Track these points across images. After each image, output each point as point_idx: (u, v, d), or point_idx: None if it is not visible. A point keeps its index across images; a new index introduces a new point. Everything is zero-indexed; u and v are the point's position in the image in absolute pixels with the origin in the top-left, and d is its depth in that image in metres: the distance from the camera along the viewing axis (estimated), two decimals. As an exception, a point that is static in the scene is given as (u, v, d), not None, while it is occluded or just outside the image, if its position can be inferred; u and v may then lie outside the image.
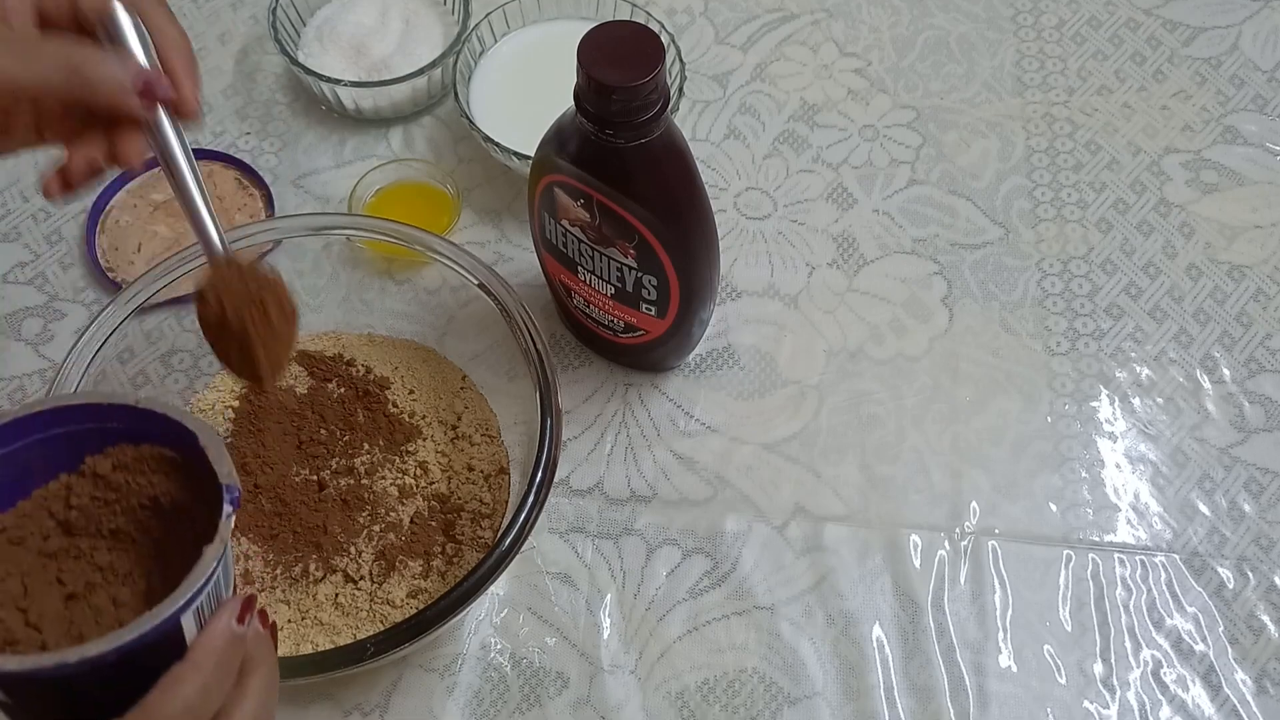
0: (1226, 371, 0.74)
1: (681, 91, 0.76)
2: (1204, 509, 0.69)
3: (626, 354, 0.72)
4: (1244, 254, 0.78)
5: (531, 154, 0.63)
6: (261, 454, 0.65)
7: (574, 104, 0.57)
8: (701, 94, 0.84)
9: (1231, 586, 0.67)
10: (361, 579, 0.63)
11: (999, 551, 0.68)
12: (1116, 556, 0.68)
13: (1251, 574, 0.67)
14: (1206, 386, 0.73)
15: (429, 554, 0.64)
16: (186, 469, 0.43)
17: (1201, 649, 0.65)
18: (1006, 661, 0.65)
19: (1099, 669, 0.64)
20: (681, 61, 0.76)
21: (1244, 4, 0.88)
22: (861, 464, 0.70)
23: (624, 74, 0.54)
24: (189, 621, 0.39)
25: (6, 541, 0.42)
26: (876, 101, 0.84)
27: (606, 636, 0.65)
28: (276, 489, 0.64)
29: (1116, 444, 0.71)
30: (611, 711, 0.63)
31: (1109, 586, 0.67)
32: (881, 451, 0.71)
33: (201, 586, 0.38)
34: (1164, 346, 0.75)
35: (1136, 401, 0.73)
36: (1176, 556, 0.68)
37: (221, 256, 0.51)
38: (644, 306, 0.65)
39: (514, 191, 0.80)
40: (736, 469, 0.70)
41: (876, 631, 0.65)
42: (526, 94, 0.78)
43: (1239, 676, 0.64)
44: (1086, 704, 0.64)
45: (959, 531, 0.68)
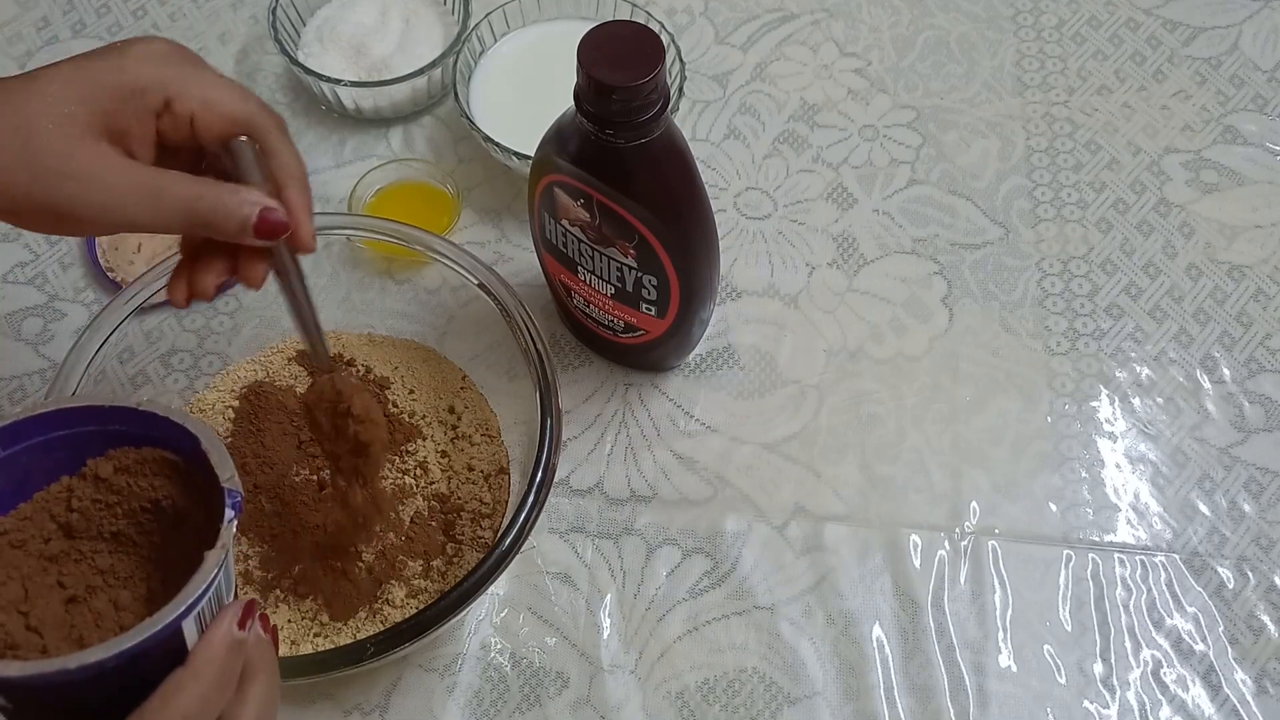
0: (1226, 371, 0.74)
1: (681, 91, 0.76)
2: (1204, 509, 0.69)
3: (626, 354, 0.72)
4: (1244, 254, 0.78)
5: (531, 154, 0.63)
6: (261, 454, 0.65)
7: (574, 104, 0.57)
8: (701, 94, 0.84)
9: (1231, 586, 0.67)
10: (361, 579, 0.63)
11: (999, 551, 0.68)
12: (1116, 556, 0.68)
13: (1251, 574, 0.67)
14: (1206, 386, 0.73)
15: (429, 554, 0.64)
16: (188, 472, 0.43)
17: (1201, 649, 0.65)
18: (1006, 661, 0.65)
19: (1099, 669, 0.64)
20: (681, 61, 0.76)
21: (1244, 4, 0.88)
22: (861, 464, 0.70)
23: (624, 74, 0.54)
24: (190, 627, 0.39)
25: (7, 545, 0.42)
26: (876, 101, 0.84)
27: (606, 636, 0.65)
28: (276, 489, 0.64)
29: (1116, 444, 0.71)
30: (611, 711, 0.63)
31: (1109, 586, 0.67)
32: (881, 451, 0.71)
33: (203, 592, 0.38)
34: (1164, 346, 0.75)
35: (1136, 401, 0.73)
36: (1176, 556, 0.68)
37: (324, 369, 0.56)
38: (644, 306, 0.65)
39: (514, 191, 0.80)
40: (736, 469, 0.70)
41: (876, 631, 0.65)
42: (526, 94, 0.78)
43: (1239, 676, 0.64)
44: (1086, 704, 0.64)
45: (959, 531, 0.68)
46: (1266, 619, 0.66)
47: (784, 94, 0.84)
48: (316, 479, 0.65)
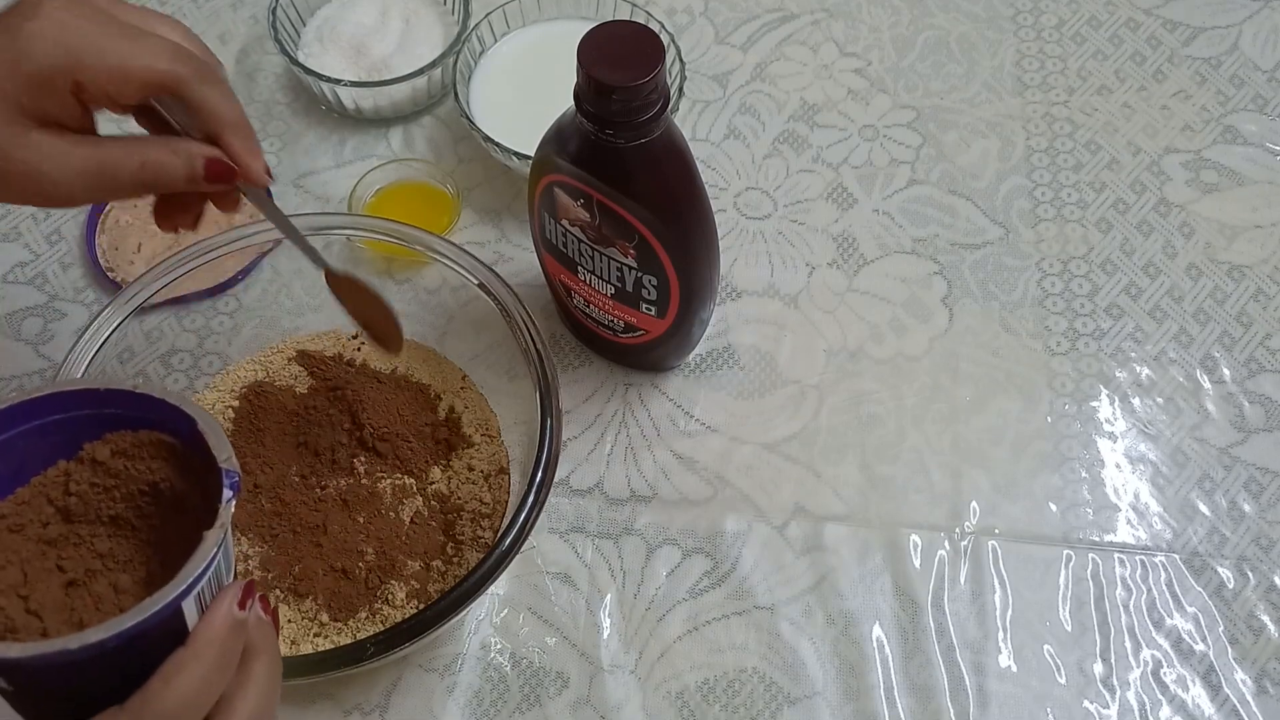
0: (1226, 371, 0.74)
1: (681, 91, 0.76)
2: (1204, 509, 0.69)
3: (626, 354, 0.72)
4: (1244, 254, 0.78)
5: (531, 154, 0.63)
6: (261, 454, 0.65)
7: (574, 104, 0.57)
8: (701, 94, 0.84)
9: (1231, 586, 0.67)
10: (361, 579, 0.62)
11: (999, 551, 0.68)
12: (1116, 556, 0.68)
13: (1251, 574, 0.67)
14: (1206, 386, 0.73)
15: (429, 554, 0.64)
16: (185, 455, 0.43)
17: (1201, 649, 0.65)
18: (1006, 661, 0.65)
19: (1099, 669, 0.64)
20: (681, 61, 0.76)
21: (1244, 4, 0.88)
22: (861, 464, 0.70)
23: (624, 74, 0.54)
24: (190, 607, 0.39)
25: (6, 529, 0.42)
26: (876, 101, 0.84)
27: (606, 636, 0.65)
28: (276, 489, 0.64)
29: (1116, 444, 0.71)
30: (611, 711, 0.63)
31: (1109, 586, 0.67)
32: (881, 451, 0.71)
33: (202, 571, 0.38)
34: (1164, 346, 0.75)
35: (1136, 401, 0.73)
36: (1176, 556, 0.68)
37: (327, 267, 0.60)
38: (644, 306, 0.65)
39: (514, 191, 0.80)
40: (736, 469, 0.70)
41: (876, 631, 0.65)
42: (526, 94, 0.78)
43: (1239, 676, 0.64)
44: (1086, 704, 0.64)
45: (959, 531, 0.68)
46: (1266, 619, 0.66)
47: (784, 94, 0.84)
48: (316, 479, 0.65)
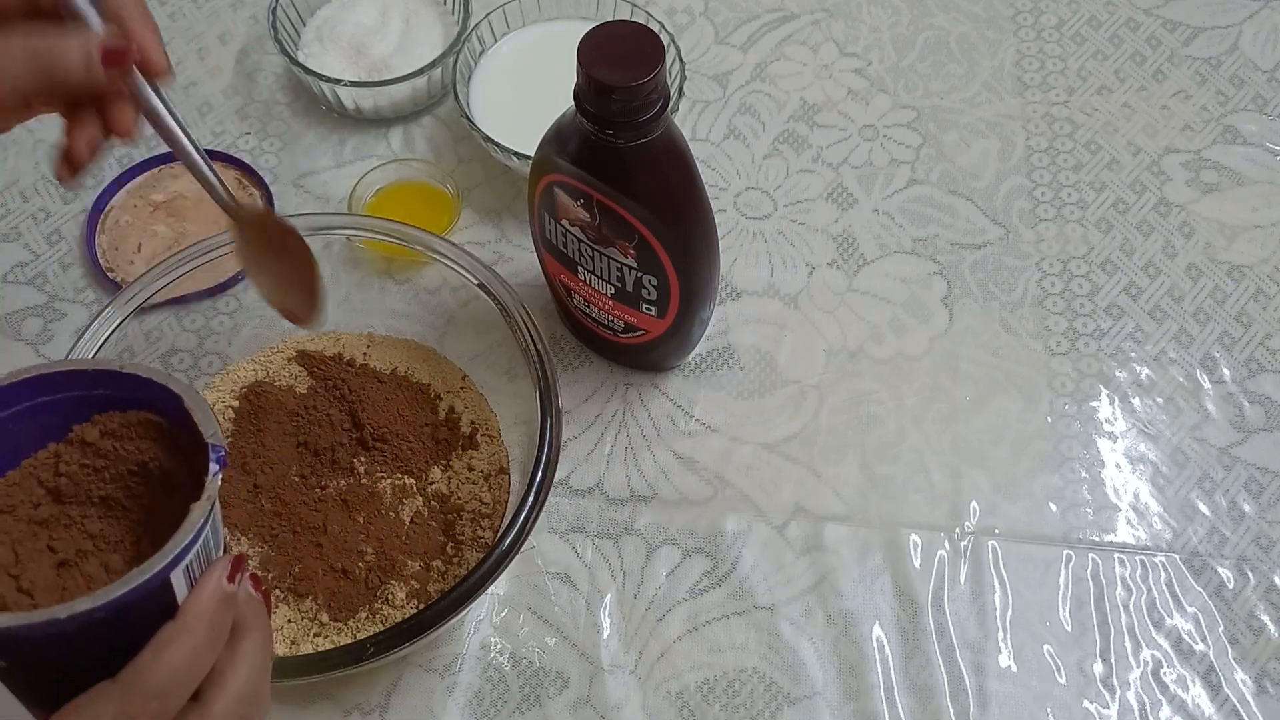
0: (1226, 371, 0.74)
1: (681, 91, 0.76)
2: (1204, 509, 0.69)
3: (626, 354, 0.72)
4: (1244, 254, 0.78)
5: (531, 154, 0.63)
6: (261, 454, 0.65)
7: (574, 104, 0.57)
8: (701, 94, 0.84)
9: (1231, 586, 0.67)
10: (361, 579, 0.63)
11: (999, 551, 0.68)
12: (1116, 556, 0.68)
13: (1251, 574, 0.67)
14: (1206, 386, 0.73)
15: (429, 554, 0.64)
16: (174, 434, 0.43)
17: (1201, 649, 0.65)
18: (1006, 661, 0.65)
19: (1099, 669, 0.64)
20: (681, 61, 0.76)
21: (1244, 4, 0.88)
22: (861, 464, 0.70)
23: (624, 74, 0.54)
24: (179, 580, 0.39)
25: None
26: (876, 101, 0.84)
27: (606, 636, 0.65)
28: (276, 489, 0.64)
29: (1116, 444, 0.71)
30: (611, 711, 0.63)
31: (1109, 586, 0.67)
32: (881, 451, 0.71)
33: (190, 543, 0.38)
34: (1164, 346, 0.75)
35: (1136, 401, 0.73)
36: (1176, 556, 0.68)
37: (230, 204, 0.56)
38: (644, 306, 0.65)
39: (514, 191, 0.80)
40: (736, 469, 0.70)
41: (876, 631, 0.65)
42: (526, 94, 0.78)
43: (1239, 676, 0.64)
44: (1086, 704, 0.64)
45: (959, 531, 0.68)
46: (1266, 619, 0.66)
47: (784, 94, 0.84)
48: (316, 479, 0.65)
